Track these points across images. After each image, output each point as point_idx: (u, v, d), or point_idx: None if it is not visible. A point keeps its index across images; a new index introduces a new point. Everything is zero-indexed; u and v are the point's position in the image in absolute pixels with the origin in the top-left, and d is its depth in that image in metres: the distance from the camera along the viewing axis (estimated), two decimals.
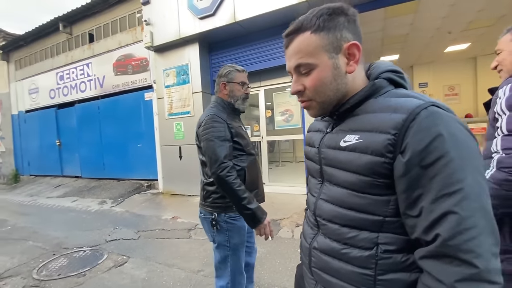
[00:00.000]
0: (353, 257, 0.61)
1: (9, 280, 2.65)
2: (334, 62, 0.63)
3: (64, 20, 7.51)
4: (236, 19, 4.51)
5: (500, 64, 1.05)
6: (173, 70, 5.45)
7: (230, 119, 1.48)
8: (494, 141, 0.88)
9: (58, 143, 8.42)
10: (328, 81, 0.64)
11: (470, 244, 0.46)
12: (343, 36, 0.63)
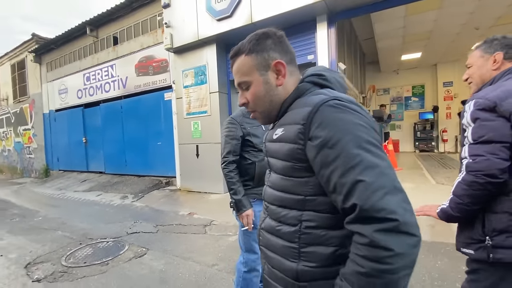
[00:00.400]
0: (283, 233, 0.72)
1: (40, 266, 2.88)
2: (264, 78, 0.76)
3: (91, 24, 7.94)
4: (252, 20, 4.57)
5: (470, 77, 1.19)
6: (192, 70, 5.62)
7: (246, 121, 1.71)
8: (463, 149, 1.04)
9: (85, 140, 8.92)
10: (262, 94, 0.76)
11: (380, 203, 0.53)
12: (270, 56, 0.75)
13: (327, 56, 4.37)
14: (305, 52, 4.69)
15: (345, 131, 0.59)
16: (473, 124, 1.01)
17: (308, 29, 4.56)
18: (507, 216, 0.96)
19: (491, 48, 1.13)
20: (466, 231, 1.08)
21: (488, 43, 1.15)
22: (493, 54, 1.12)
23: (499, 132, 0.95)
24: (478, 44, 1.19)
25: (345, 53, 6.33)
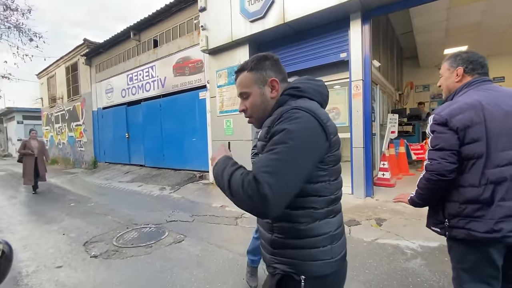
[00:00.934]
0: None
1: (96, 244, 3.32)
2: (261, 91, 0.94)
3: (134, 29, 8.63)
4: (285, 20, 4.65)
5: (441, 86, 1.42)
6: (225, 71, 5.87)
7: None
8: (426, 152, 1.31)
9: (127, 135, 9.74)
10: (258, 103, 0.95)
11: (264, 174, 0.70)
12: (267, 74, 0.94)
13: (361, 53, 4.31)
14: (338, 50, 4.67)
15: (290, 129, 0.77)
16: (431, 134, 1.27)
17: (341, 26, 4.52)
18: (458, 205, 1.23)
19: (455, 62, 1.34)
20: (434, 214, 1.36)
21: (454, 57, 1.35)
22: (456, 68, 1.33)
23: (448, 142, 1.20)
24: (447, 57, 1.39)
25: (380, 49, 6.13)
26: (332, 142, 0.84)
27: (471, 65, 1.30)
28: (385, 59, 6.91)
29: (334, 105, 5.21)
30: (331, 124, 0.86)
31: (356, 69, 4.38)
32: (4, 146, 25.14)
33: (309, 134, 0.78)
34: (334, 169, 0.88)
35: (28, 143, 6.41)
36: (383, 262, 2.56)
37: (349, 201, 4.34)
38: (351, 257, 2.67)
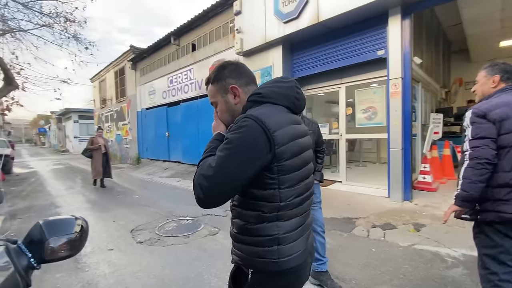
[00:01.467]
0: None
1: (141, 232, 3.67)
2: (225, 99, 1.00)
3: (174, 34, 9.21)
4: (319, 19, 4.63)
5: (476, 90, 1.61)
6: (258, 72, 6.01)
7: None
8: (465, 144, 1.45)
9: (167, 134, 10.44)
10: (225, 111, 1.01)
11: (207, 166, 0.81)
12: (227, 82, 0.98)
13: (400, 50, 4.12)
14: (375, 47, 4.51)
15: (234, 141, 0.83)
16: (471, 126, 1.42)
17: (378, 23, 4.36)
18: (490, 189, 1.38)
19: (493, 71, 1.53)
20: None
21: (492, 66, 1.54)
22: (493, 76, 1.52)
23: (489, 131, 1.36)
24: (485, 66, 1.58)
25: (423, 44, 5.75)
26: (279, 151, 0.83)
27: (507, 74, 1.50)
28: (429, 54, 6.45)
29: (370, 105, 5.04)
30: (283, 133, 0.85)
31: (394, 66, 4.20)
32: (63, 142, 28.51)
33: (248, 144, 0.81)
34: (285, 178, 0.87)
35: (95, 139, 6.78)
36: (419, 269, 2.46)
37: (384, 205, 4.18)
38: (385, 261, 2.61)
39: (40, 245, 0.82)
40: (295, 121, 0.95)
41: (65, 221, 0.91)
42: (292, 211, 0.91)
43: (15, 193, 6.43)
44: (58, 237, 0.86)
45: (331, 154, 7.36)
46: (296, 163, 0.90)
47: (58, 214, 4.52)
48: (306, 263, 0.97)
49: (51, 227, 0.86)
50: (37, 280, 2.45)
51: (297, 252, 0.91)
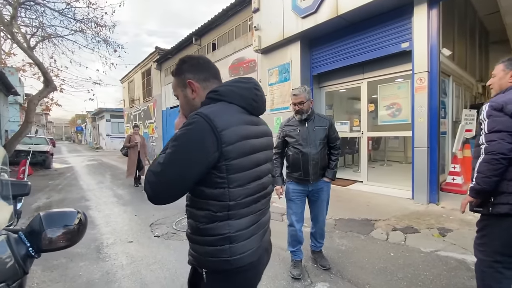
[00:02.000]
0: None
1: (159, 226, 3.82)
2: (184, 93, 1.00)
3: (196, 35, 9.42)
4: (338, 12, 4.46)
5: (492, 84, 1.62)
6: (276, 69, 5.95)
7: (290, 124, 2.36)
8: (480, 137, 1.46)
9: None
10: (184, 104, 1.02)
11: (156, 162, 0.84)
12: (186, 76, 0.98)
13: (426, 42, 3.84)
14: (398, 40, 4.26)
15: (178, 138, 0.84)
16: (487, 119, 1.43)
17: (402, 14, 4.11)
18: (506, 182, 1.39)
19: (508, 65, 1.53)
20: None
21: (510, 61, 1.55)
22: (508, 71, 1.53)
23: (505, 125, 1.37)
24: (503, 60, 1.58)
25: (454, 35, 5.32)
26: (226, 150, 0.83)
27: None
28: (462, 45, 5.95)
29: (394, 101, 4.78)
30: (231, 132, 0.85)
31: (420, 59, 3.92)
32: (96, 140, 30.55)
33: (195, 141, 0.82)
34: (234, 177, 0.87)
35: (132, 136, 6.87)
36: (441, 277, 2.29)
37: (407, 207, 3.95)
38: (403, 267, 2.46)
39: (38, 235, 0.87)
40: (250, 122, 0.95)
41: (64, 213, 0.96)
42: (244, 210, 0.91)
43: (52, 186, 7.01)
44: (55, 228, 0.91)
45: (354, 153, 7.11)
46: (246, 163, 0.90)
47: (87, 207, 4.86)
48: (261, 261, 1.00)
49: (50, 219, 0.91)
50: (63, 267, 2.65)
51: (250, 250, 0.92)
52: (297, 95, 2.24)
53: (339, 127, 5.80)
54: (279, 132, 2.42)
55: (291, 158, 2.33)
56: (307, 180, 2.30)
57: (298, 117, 2.29)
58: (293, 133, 2.31)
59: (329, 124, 2.35)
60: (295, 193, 2.38)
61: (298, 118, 2.30)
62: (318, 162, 2.28)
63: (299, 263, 2.46)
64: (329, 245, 2.99)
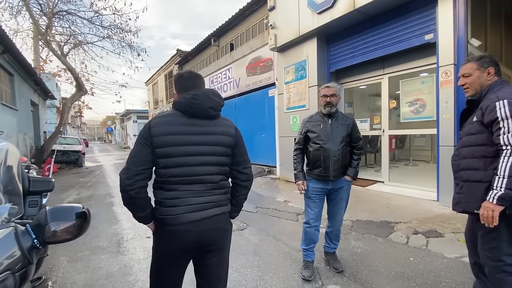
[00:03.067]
0: None
1: None
2: None
3: (214, 36, 9.58)
4: (355, 6, 4.30)
5: (468, 84, 1.56)
6: (292, 67, 5.87)
7: (313, 120, 2.38)
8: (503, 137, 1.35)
9: None
10: None
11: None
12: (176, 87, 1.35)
13: (452, 33, 3.57)
14: (422, 31, 4.01)
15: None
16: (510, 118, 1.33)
17: (424, 4, 3.86)
18: None
19: (486, 63, 1.52)
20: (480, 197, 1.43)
21: (482, 58, 1.54)
22: (487, 68, 1.51)
23: None
24: (470, 58, 1.57)
25: (486, 24, 4.90)
26: (153, 141, 1.16)
27: (498, 67, 1.52)
28: (496, 35, 5.46)
29: (417, 96, 4.51)
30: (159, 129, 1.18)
31: (445, 52, 3.67)
32: (124, 140, 32.22)
33: (140, 136, 1.20)
34: (161, 161, 1.18)
35: None
36: (465, 285, 2.12)
37: (431, 209, 3.71)
38: (423, 273, 2.33)
39: (43, 228, 0.94)
40: (188, 123, 1.23)
41: (68, 209, 1.02)
42: (169, 185, 1.21)
43: (83, 183, 7.51)
44: (59, 222, 0.97)
45: (375, 152, 6.83)
46: (172, 151, 1.19)
47: (111, 203, 5.14)
48: (187, 226, 1.20)
49: (54, 213, 0.98)
50: (87, 259, 2.82)
51: (172, 215, 1.19)
52: (330, 87, 2.30)
53: (358, 125, 5.57)
54: (301, 127, 2.42)
55: (312, 154, 2.32)
56: (327, 177, 2.27)
57: (327, 110, 2.29)
58: (316, 129, 2.31)
59: (352, 123, 2.36)
60: (315, 192, 2.36)
61: (327, 111, 2.29)
62: (339, 159, 2.26)
63: (310, 264, 2.40)
64: (344, 247, 2.90)
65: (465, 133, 1.55)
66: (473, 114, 1.53)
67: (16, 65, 8.26)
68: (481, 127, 1.46)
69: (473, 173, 1.49)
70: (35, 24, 8.36)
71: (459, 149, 1.59)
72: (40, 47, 9.89)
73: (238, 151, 1.37)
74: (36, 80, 10.09)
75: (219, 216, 1.30)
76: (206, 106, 1.24)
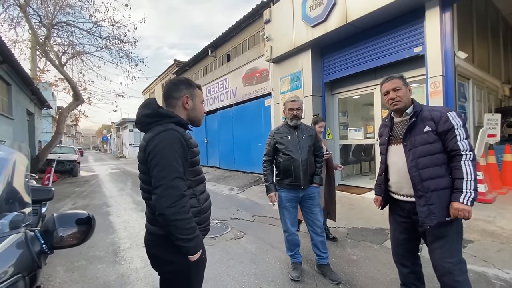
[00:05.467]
0: None
1: None
2: None
3: (211, 47, 9.77)
4: (347, 20, 4.48)
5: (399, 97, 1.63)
6: (288, 77, 6.02)
7: (280, 132, 2.47)
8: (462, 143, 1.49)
9: (206, 141, 11.00)
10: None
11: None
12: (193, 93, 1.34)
13: (440, 45, 3.75)
14: (411, 44, 4.19)
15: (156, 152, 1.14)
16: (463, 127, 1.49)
17: (413, 19, 4.05)
18: None
19: (406, 82, 1.67)
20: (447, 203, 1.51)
21: (403, 78, 1.67)
22: (407, 86, 1.67)
23: None
24: (396, 76, 1.68)
25: (473, 37, 5.13)
26: None
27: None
28: (483, 47, 5.71)
29: None
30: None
31: (433, 64, 3.83)
32: (120, 149, 32.00)
33: None
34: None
35: None
36: None
37: None
38: None
39: (51, 233, 0.99)
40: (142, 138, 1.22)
41: (75, 215, 1.08)
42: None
43: (78, 193, 7.45)
44: (66, 228, 1.02)
45: (370, 160, 6.94)
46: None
47: (108, 213, 5.12)
48: None
49: (62, 219, 1.03)
50: (83, 269, 2.81)
51: None
52: (296, 101, 2.44)
53: (352, 134, 5.72)
54: (269, 139, 2.51)
55: (282, 164, 2.41)
56: (299, 185, 2.38)
57: (294, 122, 2.43)
58: (284, 140, 2.42)
59: (314, 133, 2.54)
60: (287, 200, 2.46)
61: (294, 124, 2.43)
62: (307, 168, 2.40)
63: (298, 266, 2.53)
64: (340, 254, 2.94)
65: (419, 143, 1.55)
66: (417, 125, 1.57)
67: (14, 75, 8.30)
68: (435, 136, 1.52)
69: (439, 181, 1.51)
70: (34, 35, 8.46)
71: (414, 160, 1.56)
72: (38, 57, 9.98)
73: (151, 170, 1.10)
74: (33, 90, 10.12)
75: (150, 235, 1.24)
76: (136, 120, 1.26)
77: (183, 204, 1.08)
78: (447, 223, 1.52)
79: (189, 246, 1.11)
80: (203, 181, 1.35)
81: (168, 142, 1.10)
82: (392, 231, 1.88)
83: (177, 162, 1.10)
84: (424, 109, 1.60)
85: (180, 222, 1.07)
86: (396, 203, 1.77)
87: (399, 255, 1.84)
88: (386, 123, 1.81)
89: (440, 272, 1.54)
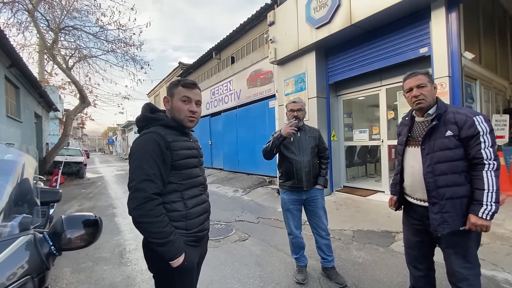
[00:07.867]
0: None
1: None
2: None
3: (215, 49, 9.83)
4: (352, 21, 4.47)
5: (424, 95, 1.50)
6: (292, 79, 6.02)
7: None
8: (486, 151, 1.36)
9: (210, 143, 11.04)
10: None
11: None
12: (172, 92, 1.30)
13: (446, 46, 3.71)
14: (417, 45, 4.15)
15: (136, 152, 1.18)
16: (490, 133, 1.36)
17: (419, 19, 4.02)
18: None
19: (431, 79, 1.54)
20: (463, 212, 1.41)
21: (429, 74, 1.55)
22: (433, 84, 1.54)
23: None
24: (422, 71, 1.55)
25: (480, 37, 5.07)
26: None
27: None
28: (491, 47, 5.63)
29: None
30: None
31: (439, 64, 3.79)
32: (126, 151, 32.29)
33: None
34: None
35: None
36: None
37: None
38: None
39: (59, 235, 1.00)
40: None
41: (82, 217, 1.09)
42: None
43: (84, 195, 7.53)
44: (74, 230, 1.03)
45: (376, 162, 6.88)
46: None
47: (113, 214, 5.16)
48: None
49: (70, 221, 1.04)
50: (89, 270, 2.84)
51: None
52: (297, 102, 2.40)
53: (357, 135, 5.68)
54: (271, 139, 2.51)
55: (284, 166, 2.41)
56: (301, 188, 2.36)
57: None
58: (286, 141, 2.39)
59: (318, 135, 2.50)
60: (291, 203, 2.44)
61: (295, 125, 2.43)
62: (310, 170, 2.37)
63: (303, 268, 2.51)
64: (346, 257, 2.92)
65: (438, 148, 1.44)
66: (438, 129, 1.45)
67: (22, 79, 8.46)
68: (457, 141, 1.40)
69: (456, 190, 1.41)
70: (42, 39, 8.62)
71: (431, 165, 1.46)
72: (45, 61, 10.16)
73: None
74: (41, 93, 10.30)
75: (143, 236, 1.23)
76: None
77: (150, 207, 1.08)
78: (462, 231, 1.42)
79: (162, 251, 1.10)
80: (196, 185, 1.30)
81: (141, 145, 1.13)
82: (405, 232, 1.83)
83: (149, 165, 1.10)
84: (449, 111, 1.46)
85: (146, 225, 1.08)
86: (410, 206, 1.71)
87: (411, 257, 1.78)
88: (406, 122, 1.68)
89: (457, 278, 1.46)
